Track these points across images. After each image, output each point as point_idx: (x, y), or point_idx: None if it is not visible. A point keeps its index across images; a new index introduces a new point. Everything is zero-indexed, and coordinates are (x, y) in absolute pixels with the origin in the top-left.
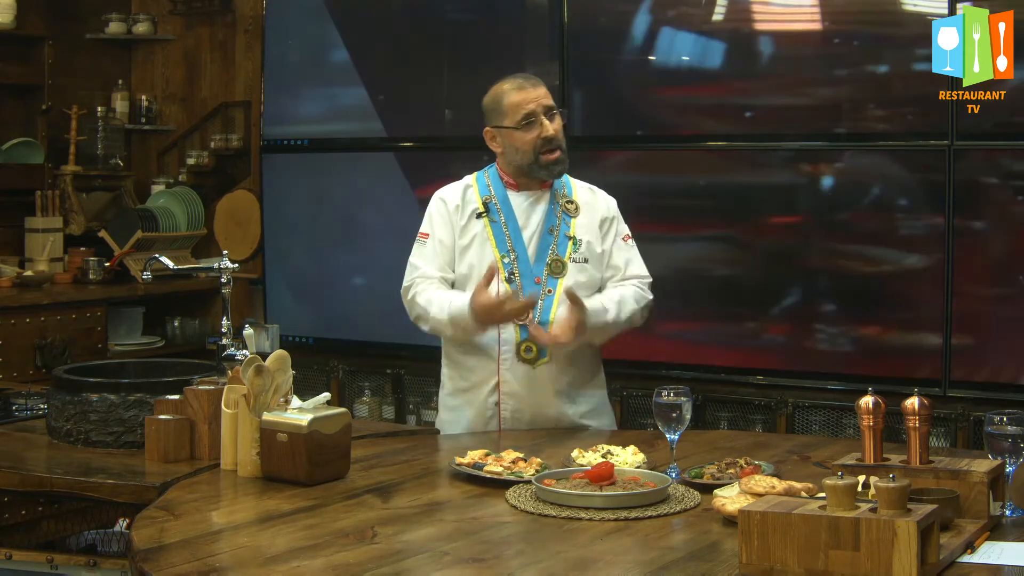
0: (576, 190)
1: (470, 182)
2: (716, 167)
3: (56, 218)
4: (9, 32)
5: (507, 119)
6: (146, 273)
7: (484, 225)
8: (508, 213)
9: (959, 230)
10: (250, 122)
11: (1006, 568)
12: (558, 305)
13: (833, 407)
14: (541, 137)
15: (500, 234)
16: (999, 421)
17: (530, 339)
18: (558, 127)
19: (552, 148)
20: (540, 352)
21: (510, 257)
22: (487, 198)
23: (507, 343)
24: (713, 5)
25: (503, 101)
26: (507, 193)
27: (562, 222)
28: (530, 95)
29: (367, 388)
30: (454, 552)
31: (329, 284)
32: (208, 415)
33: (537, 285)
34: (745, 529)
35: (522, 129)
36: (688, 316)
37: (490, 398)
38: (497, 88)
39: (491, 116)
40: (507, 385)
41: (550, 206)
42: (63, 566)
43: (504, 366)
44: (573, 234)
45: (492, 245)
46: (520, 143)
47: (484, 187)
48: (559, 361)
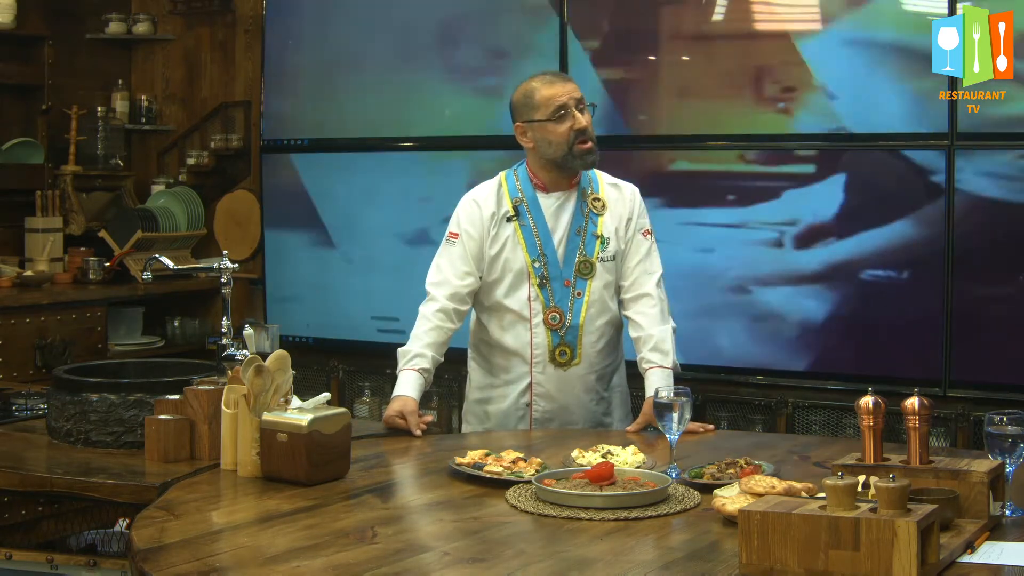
0: (603, 186)
1: (500, 182)
2: (716, 167)
3: (56, 218)
4: (9, 32)
5: (539, 112)
6: (146, 273)
7: (515, 229)
8: (538, 216)
9: (959, 230)
10: (250, 122)
11: (1006, 568)
12: (588, 308)
13: (833, 407)
14: (574, 129)
15: (530, 238)
16: (999, 421)
17: (563, 344)
18: (589, 119)
19: (585, 139)
20: (572, 355)
21: (540, 261)
22: (517, 200)
23: (540, 347)
24: (713, 5)
25: (535, 96)
26: (536, 195)
27: (589, 221)
28: (561, 89)
29: (367, 388)
30: (454, 552)
31: (329, 284)
32: (208, 415)
33: (567, 288)
34: (745, 529)
35: (555, 121)
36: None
37: (522, 399)
38: (527, 84)
39: (522, 111)
40: (539, 387)
41: (577, 206)
42: (63, 566)
43: (537, 368)
44: (600, 232)
45: (523, 250)
46: (554, 135)
47: (514, 188)
48: (588, 361)
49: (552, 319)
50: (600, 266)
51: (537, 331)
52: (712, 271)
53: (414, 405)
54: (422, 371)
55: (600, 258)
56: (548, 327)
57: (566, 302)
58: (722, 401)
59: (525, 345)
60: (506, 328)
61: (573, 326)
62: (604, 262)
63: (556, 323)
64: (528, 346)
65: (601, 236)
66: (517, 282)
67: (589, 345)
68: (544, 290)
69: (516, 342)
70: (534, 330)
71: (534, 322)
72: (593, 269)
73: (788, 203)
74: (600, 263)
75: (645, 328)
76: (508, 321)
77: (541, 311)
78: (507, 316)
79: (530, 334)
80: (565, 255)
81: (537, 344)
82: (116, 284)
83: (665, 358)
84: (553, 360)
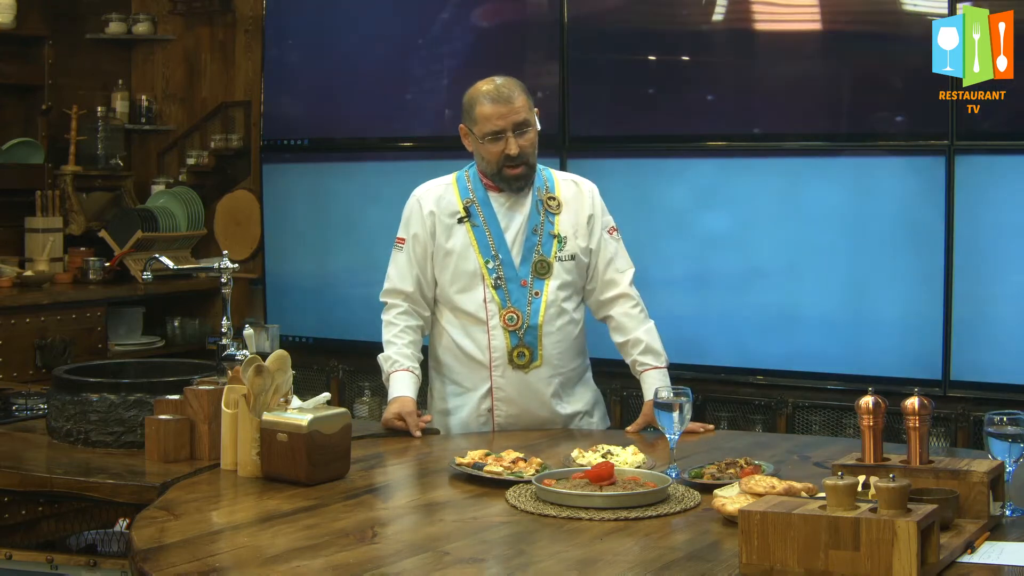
0: (559, 184)
1: (450, 182)
2: (715, 167)
3: (56, 218)
4: (9, 32)
5: (476, 127)
6: (146, 273)
7: (467, 231)
8: (490, 216)
9: (959, 230)
10: (250, 122)
11: (1006, 568)
12: (546, 308)
13: (833, 407)
14: (505, 153)
15: (483, 239)
16: (999, 421)
17: (521, 345)
18: (527, 142)
19: (515, 164)
20: (532, 356)
21: (495, 262)
22: (468, 201)
23: (498, 350)
24: (713, 5)
25: (475, 108)
26: (488, 195)
27: (545, 220)
28: (501, 110)
29: (367, 388)
30: (454, 552)
31: (329, 284)
32: (208, 415)
33: (524, 288)
34: (745, 529)
35: (487, 143)
36: (688, 315)
37: (483, 404)
38: (475, 90)
39: (465, 116)
40: (500, 391)
41: (532, 205)
42: (63, 566)
43: (496, 372)
44: (557, 232)
45: (475, 251)
46: (485, 154)
47: (465, 189)
48: (550, 364)
49: (509, 319)
50: (558, 266)
51: (495, 333)
52: (712, 271)
53: (412, 405)
54: (411, 369)
55: (558, 257)
56: (505, 328)
57: (523, 303)
58: (722, 401)
59: (483, 348)
60: (463, 331)
61: (532, 326)
62: (562, 261)
63: (514, 324)
64: (486, 349)
65: (558, 235)
66: (471, 284)
67: (550, 346)
68: (500, 291)
69: (474, 345)
70: (491, 332)
71: (491, 324)
72: (551, 269)
73: (788, 203)
74: (558, 263)
75: (631, 330)
76: (464, 324)
77: (497, 312)
78: (463, 319)
79: (487, 336)
80: (522, 254)
81: (495, 347)
82: (116, 284)
83: (659, 359)
84: (512, 362)
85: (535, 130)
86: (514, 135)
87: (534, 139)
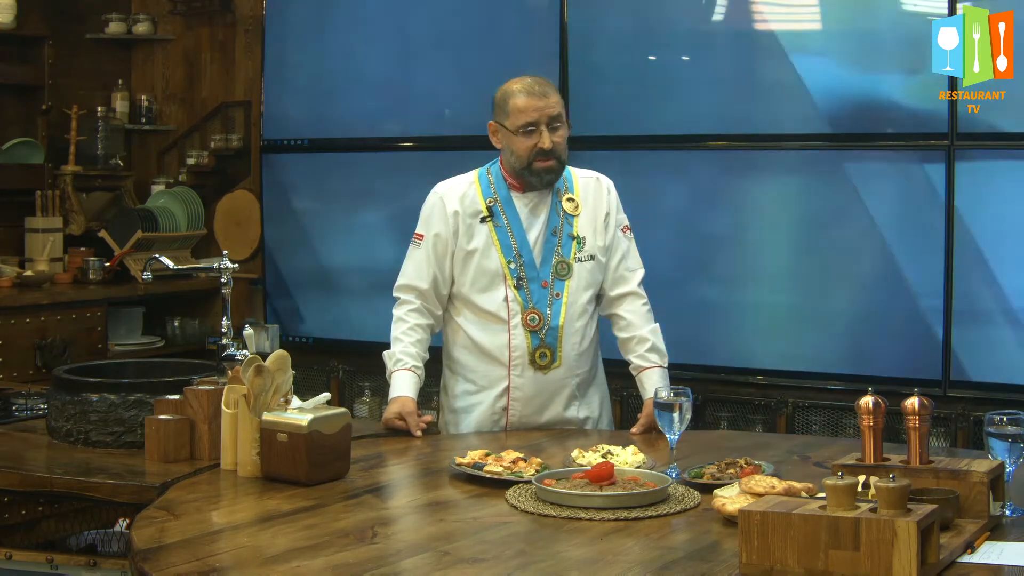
0: (577, 182)
1: (472, 180)
2: (716, 167)
3: (56, 218)
4: (9, 32)
5: (509, 120)
6: (146, 273)
7: (489, 230)
8: (512, 216)
9: (959, 230)
10: (250, 122)
11: (1006, 568)
12: (567, 309)
13: (833, 407)
14: (538, 147)
15: (505, 239)
16: (999, 421)
17: (543, 346)
18: (559, 138)
19: (547, 158)
20: (553, 357)
21: (516, 263)
22: (491, 200)
23: (518, 349)
24: (713, 5)
25: (509, 102)
26: (511, 195)
27: (565, 222)
28: (536, 104)
29: (367, 388)
30: (454, 552)
31: (329, 284)
32: (208, 415)
33: (544, 289)
34: (745, 529)
35: (521, 135)
36: (688, 316)
37: (498, 403)
38: (508, 86)
39: (497, 111)
40: (517, 391)
41: (553, 206)
42: (63, 566)
43: (515, 372)
44: (576, 233)
45: (498, 251)
46: (516, 147)
47: (487, 188)
48: (568, 365)
49: (531, 320)
50: (578, 267)
51: (516, 333)
52: (712, 271)
53: (413, 405)
54: (414, 369)
55: (577, 259)
56: (527, 329)
57: (544, 304)
58: (722, 401)
59: (503, 347)
60: (483, 330)
61: (553, 327)
62: (581, 262)
63: (535, 324)
64: (506, 348)
65: (577, 237)
66: (493, 283)
67: (570, 347)
68: (521, 291)
69: (493, 344)
70: (512, 332)
71: (512, 323)
72: (570, 270)
73: (788, 202)
74: (577, 263)
75: (637, 327)
76: (484, 323)
77: (520, 312)
78: (483, 317)
79: (508, 336)
80: (542, 255)
81: (516, 346)
82: (116, 284)
83: (663, 358)
84: (533, 363)
85: (567, 128)
86: (548, 129)
87: (566, 136)
